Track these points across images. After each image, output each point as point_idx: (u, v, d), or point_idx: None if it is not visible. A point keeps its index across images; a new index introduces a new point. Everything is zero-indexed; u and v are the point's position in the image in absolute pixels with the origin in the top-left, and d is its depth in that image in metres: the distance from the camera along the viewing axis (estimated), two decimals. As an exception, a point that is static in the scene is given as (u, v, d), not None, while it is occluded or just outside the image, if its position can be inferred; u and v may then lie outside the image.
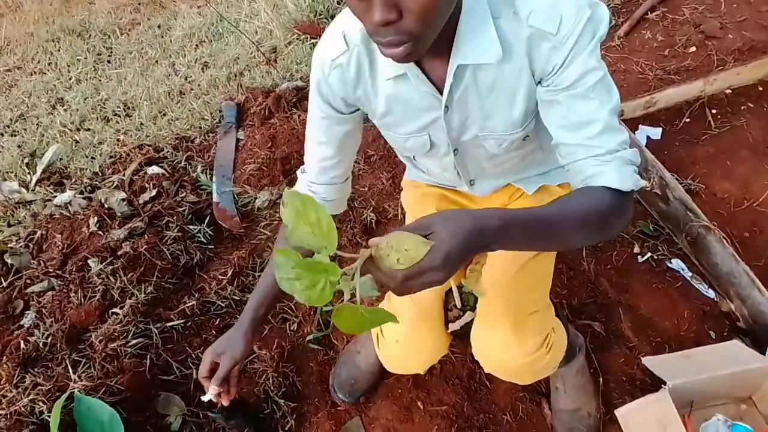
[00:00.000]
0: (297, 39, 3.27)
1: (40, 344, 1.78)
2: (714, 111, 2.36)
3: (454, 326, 1.24)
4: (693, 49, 2.67)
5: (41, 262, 2.08)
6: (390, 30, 0.75)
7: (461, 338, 1.29)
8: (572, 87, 0.89)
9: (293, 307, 1.92)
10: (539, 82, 0.95)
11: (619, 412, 1.42)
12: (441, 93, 0.97)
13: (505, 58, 0.90)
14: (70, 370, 1.70)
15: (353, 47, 0.98)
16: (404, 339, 1.25)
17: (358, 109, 1.10)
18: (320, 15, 3.42)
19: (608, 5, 2.99)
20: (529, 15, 0.87)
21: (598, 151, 0.89)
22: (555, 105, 0.93)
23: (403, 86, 0.99)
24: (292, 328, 1.87)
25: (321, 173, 1.18)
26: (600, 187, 0.87)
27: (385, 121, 1.09)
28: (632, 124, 2.30)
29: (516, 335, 1.15)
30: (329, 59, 1.01)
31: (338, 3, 3.47)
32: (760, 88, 2.44)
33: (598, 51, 0.90)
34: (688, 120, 2.34)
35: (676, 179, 2.01)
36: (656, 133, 2.29)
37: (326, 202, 1.21)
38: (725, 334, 1.72)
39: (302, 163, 1.21)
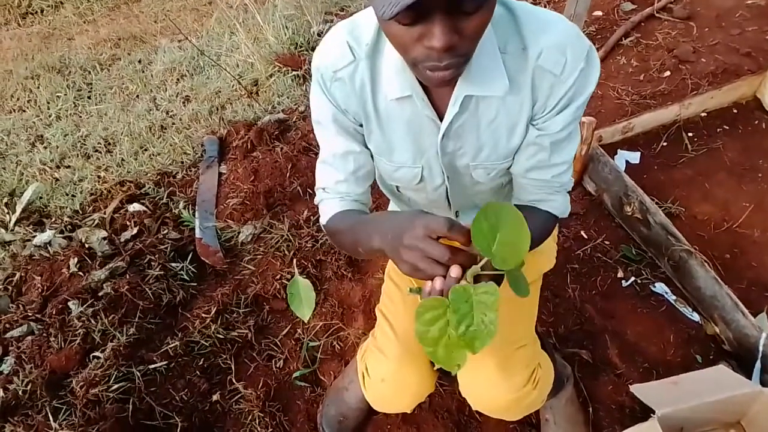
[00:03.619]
0: (278, 72, 3.29)
1: (20, 392, 1.74)
2: (690, 134, 2.40)
3: (440, 363, 1.23)
4: (667, 73, 2.72)
5: (20, 305, 2.04)
6: (447, 54, 0.75)
7: (447, 375, 1.28)
8: (558, 133, 0.96)
9: (279, 343, 1.90)
10: (531, 119, 0.97)
11: (610, 443, 1.42)
12: (440, 119, 0.97)
13: (510, 91, 0.92)
14: (51, 418, 1.66)
15: (359, 60, 0.95)
16: (390, 378, 1.23)
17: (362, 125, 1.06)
18: (301, 47, 3.45)
19: (583, 32, 3.03)
20: (539, 56, 0.88)
21: (555, 185, 1.06)
22: (539, 149, 0.99)
23: (406, 108, 0.97)
24: (278, 365, 1.84)
25: (358, 184, 1.09)
26: (545, 211, 1.08)
27: (378, 145, 1.06)
28: (611, 149, 2.32)
29: (502, 371, 1.13)
30: (330, 70, 0.96)
31: (318, 35, 3.50)
32: (735, 111, 2.48)
33: (587, 100, 0.95)
34: (665, 144, 2.38)
35: (656, 203, 2.03)
36: (635, 157, 2.32)
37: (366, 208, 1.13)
38: (711, 357, 1.72)
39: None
